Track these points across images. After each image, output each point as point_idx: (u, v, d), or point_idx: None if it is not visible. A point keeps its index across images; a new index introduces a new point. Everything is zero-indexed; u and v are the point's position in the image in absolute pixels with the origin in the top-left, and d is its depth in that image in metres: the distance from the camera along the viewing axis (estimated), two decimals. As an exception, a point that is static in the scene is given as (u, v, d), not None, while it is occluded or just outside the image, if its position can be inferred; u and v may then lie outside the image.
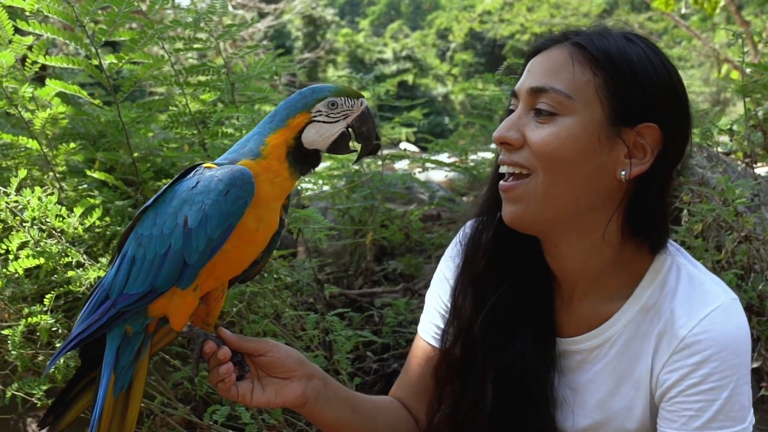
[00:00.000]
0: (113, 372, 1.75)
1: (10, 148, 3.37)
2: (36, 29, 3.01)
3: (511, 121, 1.81)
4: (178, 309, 1.72)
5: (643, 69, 1.75)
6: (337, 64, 31.12)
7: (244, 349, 1.85)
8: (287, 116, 1.74)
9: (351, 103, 1.75)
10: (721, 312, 1.77)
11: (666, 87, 1.77)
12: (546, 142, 1.76)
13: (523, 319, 1.93)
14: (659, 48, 1.84)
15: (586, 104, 1.75)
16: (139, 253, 1.71)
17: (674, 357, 1.77)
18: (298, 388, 1.89)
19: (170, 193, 1.74)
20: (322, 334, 3.31)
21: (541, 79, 1.79)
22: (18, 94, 3.17)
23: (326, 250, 4.79)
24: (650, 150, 1.76)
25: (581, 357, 1.91)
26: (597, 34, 1.82)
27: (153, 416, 3.07)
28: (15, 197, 2.73)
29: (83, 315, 1.77)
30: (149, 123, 3.67)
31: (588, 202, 1.79)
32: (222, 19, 9.44)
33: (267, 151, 1.73)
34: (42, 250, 2.70)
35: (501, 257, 1.96)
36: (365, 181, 4.55)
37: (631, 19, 25.42)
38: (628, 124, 1.75)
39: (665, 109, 1.76)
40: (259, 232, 1.75)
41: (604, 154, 1.76)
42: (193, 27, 3.32)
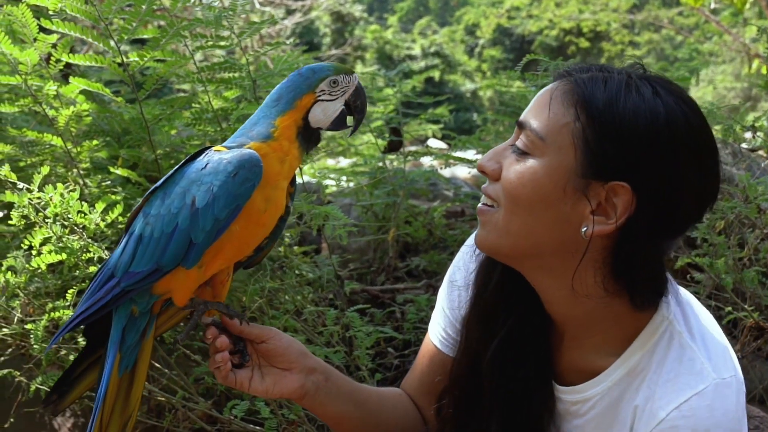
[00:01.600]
0: (119, 351, 1.78)
1: (35, 145, 3.41)
2: (60, 28, 3.04)
3: (495, 152, 1.78)
4: (181, 284, 1.75)
5: (629, 123, 1.61)
6: (365, 60, 31.12)
7: (246, 334, 1.86)
8: (294, 98, 1.78)
9: (348, 80, 1.81)
10: (706, 397, 1.64)
11: (655, 146, 1.61)
12: (509, 181, 1.71)
13: (527, 355, 1.90)
14: (686, 98, 1.68)
15: (558, 149, 1.66)
16: (146, 232, 1.74)
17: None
18: (298, 381, 1.90)
19: (179, 174, 1.77)
20: (343, 330, 3.32)
21: (527, 114, 1.74)
22: (42, 92, 3.21)
23: (350, 246, 4.80)
24: (619, 211, 1.64)
25: (564, 407, 1.88)
26: (598, 77, 1.69)
27: (174, 410, 3.10)
28: (38, 194, 2.76)
29: (87, 293, 1.80)
30: (172, 120, 3.70)
31: (551, 248, 1.71)
32: (249, 17, 9.49)
33: (278, 132, 1.77)
34: (64, 245, 2.74)
35: (509, 292, 1.91)
36: (388, 178, 4.55)
37: (662, 14, 25.21)
38: (598, 179, 1.64)
39: (646, 171, 1.62)
40: (267, 213, 1.78)
41: (569, 205, 1.67)
42: (214, 25, 3.34)
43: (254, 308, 3.19)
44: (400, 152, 4.67)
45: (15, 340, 3.00)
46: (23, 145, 3.48)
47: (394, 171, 4.59)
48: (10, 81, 3.17)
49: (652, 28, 27.51)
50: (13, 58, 3.06)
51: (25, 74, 3.12)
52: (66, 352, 2.86)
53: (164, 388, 3.06)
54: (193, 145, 3.83)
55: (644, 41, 28.48)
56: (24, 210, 2.74)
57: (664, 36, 28.69)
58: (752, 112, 10.85)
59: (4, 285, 2.81)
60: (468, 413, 1.97)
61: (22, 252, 2.83)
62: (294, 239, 3.57)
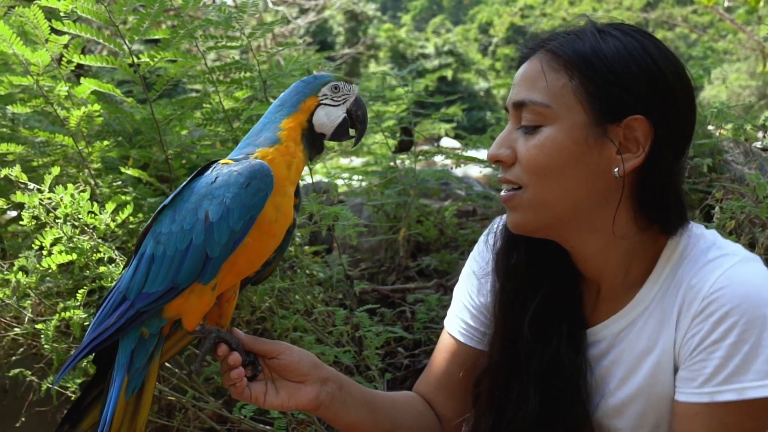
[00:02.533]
0: (127, 374, 1.76)
1: (47, 146, 3.43)
2: (71, 29, 3.06)
3: (502, 138, 1.83)
4: (193, 309, 1.74)
5: (619, 63, 1.73)
6: (378, 59, 31.12)
7: (257, 351, 1.87)
8: (298, 101, 1.81)
9: (348, 88, 1.84)
10: (740, 266, 1.72)
11: (648, 75, 1.74)
12: (532, 157, 1.77)
13: (558, 319, 1.93)
14: (643, 30, 1.82)
15: (566, 110, 1.74)
16: (159, 251, 1.72)
17: (695, 321, 1.71)
18: (312, 392, 1.90)
19: (188, 190, 1.76)
20: (352, 330, 3.33)
21: (520, 93, 1.80)
22: (54, 93, 3.22)
23: (362, 246, 4.80)
24: (642, 142, 1.74)
25: (606, 343, 1.89)
26: (570, 36, 1.80)
27: (185, 410, 3.12)
28: (48, 194, 2.78)
29: (98, 319, 1.78)
30: (183, 120, 3.71)
31: (589, 202, 1.78)
32: (262, 16, 9.49)
33: (284, 135, 1.78)
34: (74, 246, 2.75)
35: (536, 264, 1.96)
36: (399, 177, 4.56)
37: (675, 12, 25.13)
38: (613, 121, 1.74)
39: (650, 98, 1.73)
40: (277, 223, 1.78)
41: (595, 155, 1.75)
42: (223, 26, 3.35)
43: (264, 308, 3.20)
44: (410, 152, 4.67)
45: (26, 339, 3.02)
46: (35, 145, 3.49)
47: (405, 170, 4.59)
48: (22, 82, 3.19)
49: (666, 27, 27.42)
50: (24, 59, 3.08)
51: (36, 75, 3.13)
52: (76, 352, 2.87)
53: (174, 387, 3.08)
54: (204, 145, 3.85)
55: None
56: (35, 210, 2.75)
57: (678, 34, 28.62)
58: (767, 110, 10.79)
59: (15, 285, 2.82)
60: (505, 397, 1.96)
61: (33, 252, 2.85)
62: (304, 239, 3.58)
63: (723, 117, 3.44)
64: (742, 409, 1.67)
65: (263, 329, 3.46)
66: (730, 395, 1.66)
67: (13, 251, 3.34)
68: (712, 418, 1.69)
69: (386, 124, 5.00)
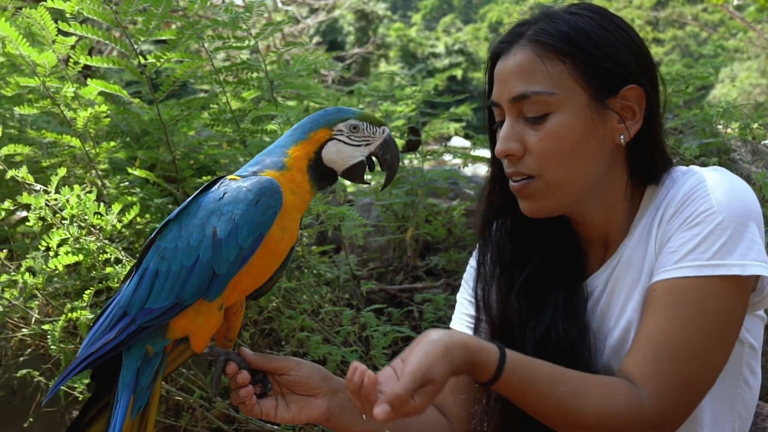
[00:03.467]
0: (133, 394, 1.74)
1: (55, 147, 3.44)
2: (77, 30, 3.07)
3: (508, 133, 1.85)
4: (201, 329, 1.72)
5: (602, 39, 1.82)
6: (389, 58, 31.09)
7: (266, 368, 1.85)
8: (309, 130, 1.78)
9: (373, 130, 1.79)
10: (715, 169, 1.84)
11: (627, 45, 1.84)
12: (545, 146, 1.82)
13: (552, 286, 1.96)
14: (598, 6, 1.93)
15: (569, 93, 1.81)
16: (163, 267, 1.70)
17: (672, 221, 1.79)
18: (323, 405, 1.89)
19: (194, 205, 1.74)
20: (359, 330, 3.33)
21: (518, 86, 1.83)
22: (60, 94, 3.23)
23: (371, 245, 4.80)
24: (638, 108, 1.84)
25: (599, 290, 1.94)
26: (546, 21, 1.86)
27: (192, 410, 3.12)
28: (54, 195, 2.78)
29: (95, 334, 1.75)
30: (190, 121, 3.72)
31: (598, 172, 1.86)
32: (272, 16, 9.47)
33: (290, 162, 1.75)
34: (81, 247, 2.76)
35: (525, 241, 2.01)
36: (407, 177, 4.55)
37: (686, 10, 25.03)
38: (611, 94, 1.83)
39: (635, 66, 1.84)
40: (283, 243, 1.76)
41: (600, 129, 1.83)
42: (230, 26, 3.35)
43: (271, 308, 3.20)
44: (418, 151, 4.66)
45: (34, 340, 3.03)
46: (43, 146, 3.51)
47: (412, 170, 4.59)
48: (29, 83, 3.20)
49: (677, 25, 27.31)
50: (31, 60, 3.09)
51: (43, 76, 3.14)
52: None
53: (182, 387, 3.08)
54: (211, 145, 3.86)
55: (668, 38, 28.30)
56: (41, 211, 2.76)
57: (689, 32, 28.48)
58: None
59: (22, 286, 2.83)
60: None
61: (40, 253, 2.86)
62: (311, 239, 3.58)
63: (729, 116, 3.42)
64: (716, 287, 1.70)
65: (270, 329, 3.46)
66: (708, 270, 1.71)
67: (21, 252, 3.35)
68: (682, 296, 1.72)
69: (395, 123, 5.00)
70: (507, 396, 1.73)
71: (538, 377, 1.68)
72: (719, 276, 1.70)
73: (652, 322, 1.74)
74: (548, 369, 1.71)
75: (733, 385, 1.86)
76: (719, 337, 1.71)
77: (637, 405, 1.67)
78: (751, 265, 1.69)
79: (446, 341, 1.62)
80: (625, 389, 1.69)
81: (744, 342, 1.85)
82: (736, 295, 1.72)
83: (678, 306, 1.72)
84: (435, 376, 1.59)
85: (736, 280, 1.70)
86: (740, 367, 1.86)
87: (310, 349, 3.13)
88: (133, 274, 1.79)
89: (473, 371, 1.67)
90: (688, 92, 4.14)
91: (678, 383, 1.69)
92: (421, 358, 1.60)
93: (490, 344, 1.67)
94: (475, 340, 1.68)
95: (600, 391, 1.69)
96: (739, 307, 1.73)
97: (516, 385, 1.67)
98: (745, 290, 1.73)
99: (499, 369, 1.65)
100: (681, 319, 1.71)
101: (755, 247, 1.70)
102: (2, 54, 3.23)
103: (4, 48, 3.12)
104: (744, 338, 1.84)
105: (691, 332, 1.70)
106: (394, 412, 1.57)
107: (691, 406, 1.73)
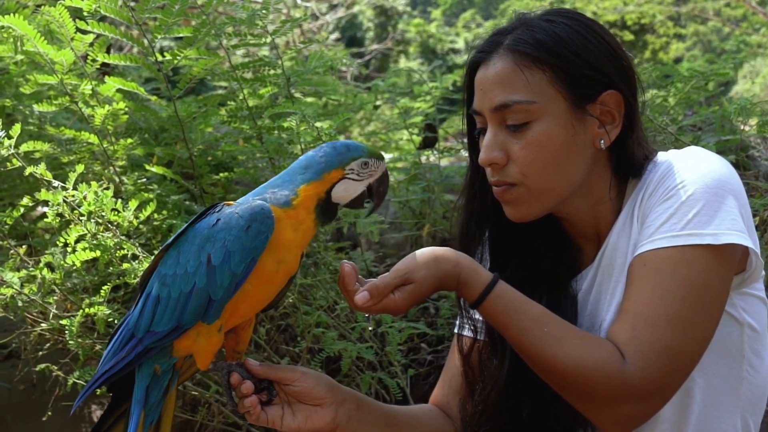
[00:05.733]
0: (143, 409, 1.78)
1: (74, 143, 3.47)
2: (95, 28, 3.09)
3: (491, 142, 1.86)
4: (203, 349, 1.76)
5: (579, 46, 1.83)
6: (408, 54, 31.06)
7: (272, 378, 1.86)
8: (323, 170, 1.77)
9: (377, 165, 1.81)
10: (692, 148, 1.87)
11: (604, 50, 1.85)
12: (530, 153, 1.83)
13: (534, 289, 1.94)
14: (573, 11, 1.95)
15: (549, 101, 1.82)
16: (164, 293, 1.74)
17: (650, 199, 1.82)
18: (329, 415, 1.89)
19: (191, 232, 1.77)
20: (375, 326, 3.34)
21: (498, 96, 1.84)
22: (78, 91, 3.26)
23: (388, 242, 4.81)
24: (617, 113, 1.85)
25: (592, 276, 1.95)
26: (523, 29, 1.87)
27: (208, 405, 3.15)
28: (72, 192, 2.81)
29: (109, 353, 1.81)
30: (207, 118, 3.74)
31: (580, 175, 1.87)
32: (291, 13, 9.46)
33: (298, 201, 1.75)
34: (98, 243, 2.78)
35: (506, 247, 2.04)
36: (423, 173, 4.56)
37: (708, 6, 24.87)
38: (590, 101, 1.84)
39: (613, 72, 1.85)
40: (279, 273, 1.78)
41: (581, 134, 1.84)
42: (247, 23, 3.36)
43: (287, 304, 3.22)
44: (435, 148, 4.66)
45: (53, 335, 3.06)
46: (62, 143, 3.54)
47: (429, 166, 4.59)
48: (48, 80, 3.23)
49: (699, 20, 27.15)
50: (49, 58, 3.11)
51: (61, 74, 3.17)
52: (101, 347, 2.91)
53: (198, 382, 3.10)
54: (229, 142, 3.88)
55: (690, 33, 28.12)
56: (59, 208, 2.79)
57: (711, 28, 28.32)
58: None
59: (40, 281, 2.86)
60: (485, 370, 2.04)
61: (58, 249, 2.88)
62: (327, 235, 3.60)
63: (748, 112, 3.41)
64: (690, 256, 1.71)
65: (287, 325, 3.48)
66: (682, 240, 1.72)
67: (41, 248, 3.39)
68: (656, 266, 1.73)
69: (413, 120, 5.00)
70: (491, 323, 1.80)
71: (524, 312, 1.73)
72: (693, 245, 1.70)
73: (629, 293, 1.76)
74: (537, 309, 1.75)
75: (736, 368, 1.85)
76: (698, 307, 1.70)
77: (617, 366, 1.67)
78: (725, 234, 1.69)
79: (438, 252, 1.76)
80: (609, 348, 1.69)
81: (742, 323, 1.84)
82: (713, 265, 1.71)
83: (652, 275, 1.72)
84: (417, 277, 1.73)
85: (711, 249, 1.70)
86: (741, 349, 1.85)
87: (325, 345, 3.15)
88: (139, 296, 1.84)
89: (461, 289, 1.77)
90: (707, 89, 4.12)
91: (658, 351, 1.67)
92: (408, 258, 1.76)
93: (485, 270, 1.76)
94: (469, 260, 1.78)
95: (583, 343, 1.71)
96: (718, 278, 1.73)
97: (500, 313, 1.74)
98: (724, 261, 1.73)
99: (485, 292, 1.72)
100: (656, 288, 1.71)
101: (730, 218, 1.71)
102: (21, 52, 3.26)
103: (23, 46, 3.15)
104: (742, 319, 1.84)
105: (667, 300, 1.69)
106: (373, 301, 1.73)
107: (674, 378, 1.71)
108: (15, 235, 3.49)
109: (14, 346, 3.47)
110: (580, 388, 1.71)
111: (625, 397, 1.68)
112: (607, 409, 1.71)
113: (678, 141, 3.43)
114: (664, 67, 5.10)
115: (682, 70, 5.01)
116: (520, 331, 1.72)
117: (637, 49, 25.74)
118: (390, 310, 1.75)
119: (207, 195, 3.61)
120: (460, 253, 1.81)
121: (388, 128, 5.84)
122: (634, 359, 1.67)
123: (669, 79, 4.30)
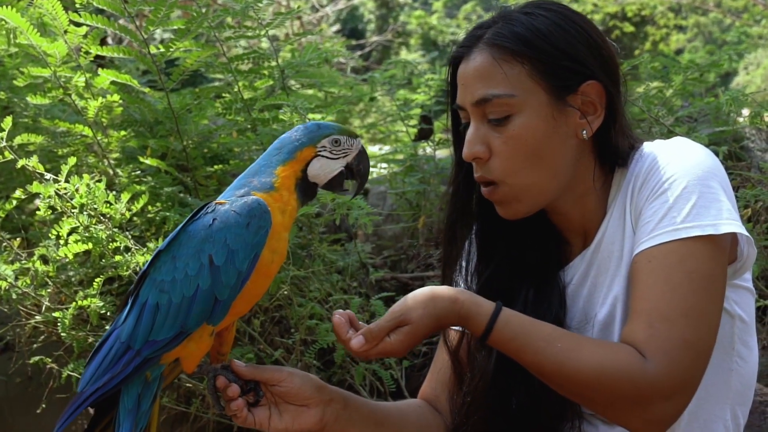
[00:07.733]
0: (135, 418, 1.76)
1: (68, 136, 3.47)
2: (87, 20, 3.09)
3: (474, 136, 1.86)
4: (192, 354, 1.75)
5: (558, 37, 1.83)
6: (409, 46, 31.03)
7: (258, 379, 1.85)
8: (295, 149, 1.80)
9: (351, 143, 1.82)
10: (676, 139, 1.88)
11: (583, 40, 1.85)
12: (511, 147, 1.83)
13: (520, 282, 1.98)
14: (554, 2, 1.93)
15: (529, 94, 1.82)
16: (163, 300, 1.72)
17: (642, 189, 1.82)
18: (316, 415, 1.88)
19: (184, 235, 1.76)
20: (369, 318, 3.34)
21: (478, 90, 1.84)
22: (71, 83, 3.26)
23: (385, 233, 4.81)
24: (599, 103, 1.85)
25: (583, 270, 1.95)
26: (502, 23, 1.87)
27: (202, 397, 3.15)
28: (64, 184, 2.81)
29: (98, 370, 1.76)
30: (201, 110, 3.74)
31: (565, 167, 1.87)
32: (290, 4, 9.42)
33: (278, 183, 1.77)
34: (90, 235, 2.78)
35: (491, 241, 2.03)
36: (419, 165, 4.55)
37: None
38: (570, 92, 1.84)
39: (592, 62, 1.85)
40: (274, 264, 1.78)
41: (563, 126, 1.85)
42: (240, 15, 3.36)
43: (281, 296, 3.22)
44: (431, 140, 4.66)
45: (47, 327, 3.07)
46: (56, 135, 3.54)
47: (425, 158, 4.59)
48: (41, 73, 3.23)
49: (700, 12, 27.08)
50: (41, 50, 3.11)
51: (54, 66, 3.17)
52: (94, 340, 2.91)
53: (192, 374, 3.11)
54: (223, 134, 3.87)
55: (691, 24, 28.04)
56: (50, 200, 2.79)
57: (712, 19, 28.23)
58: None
59: (33, 274, 2.87)
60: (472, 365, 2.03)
61: (51, 241, 2.89)
62: (323, 227, 3.60)
63: (739, 104, 3.40)
64: (693, 248, 1.71)
65: (280, 317, 3.48)
66: (683, 232, 1.72)
67: (35, 240, 3.39)
68: (661, 261, 1.73)
69: (412, 112, 5.00)
70: (504, 352, 1.77)
71: (535, 333, 1.71)
72: (694, 237, 1.70)
73: (639, 292, 1.74)
74: (546, 327, 1.74)
75: (727, 360, 1.87)
76: (707, 297, 1.71)
77: (639, 366, 1.66)
78: (723, 224, 1.70)
79: (435, 290, 1.75)
80: (627, 350, 1.68)
81: (734, 315, 1.85)
82: (714, 255, 1.72)
83: (659, 271, 1.72)
84: (413, 318, 1.71)
85: (711, 239, 1.71)
86: (732, 341, 1.86)
87: (319, 337, 3.16)
88: (129, 306, 1.81)
89: (465, 324, 1.75)
90: (702, 80, 4.12)
91: (678, 346, 1.67)
92: (404, 300, 1.76)
93: (487, 300, 1.74)
94: (468, 295, 1.76)
95: (599, 349, 1.70)
96: (719, 266, 1.73)
97: (511, 339, 1.71)
98: (723, 250, 1.74)
99: (490, 323, 1.70)
100: (666, 283, 1.71)
101: (725, 207, 1.72)
102: (15, 45, 3.26)
103: (16, 39, 3.15)
104: (733, 311, 1.85)
105: (678, 293, 1.69)
106: (368, 345, 1.72)
107: (697, 370, 1.70)
108: (10, 228, 3.50)
109: (9, 338, 3.48)
110: (607, 395, 1.70)
111: (653, 397, 1.68)
112: (638, 411, 1.69)
113: (671, 132, 3.43)
114: (665, 59, 5.09)
115: (683, 61, 5.00)
116: (535, 352, 1.70)
117: (638, 40, 25.69)
118: (387, 353, 1.74)
119: (201, 187, 3.61)
120: (458, 288, 1.82)
121: (386, 120, 5.83)
122: (656, 357, 1.66)
123: (666, 71, 4.30)
